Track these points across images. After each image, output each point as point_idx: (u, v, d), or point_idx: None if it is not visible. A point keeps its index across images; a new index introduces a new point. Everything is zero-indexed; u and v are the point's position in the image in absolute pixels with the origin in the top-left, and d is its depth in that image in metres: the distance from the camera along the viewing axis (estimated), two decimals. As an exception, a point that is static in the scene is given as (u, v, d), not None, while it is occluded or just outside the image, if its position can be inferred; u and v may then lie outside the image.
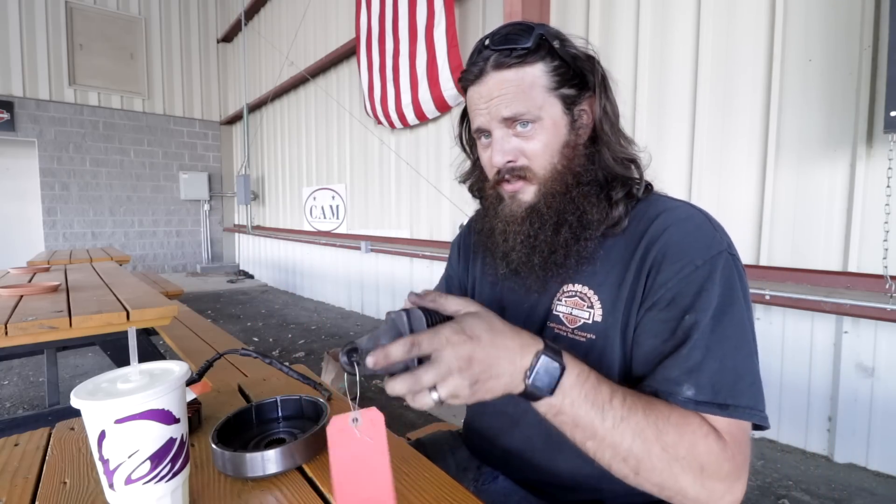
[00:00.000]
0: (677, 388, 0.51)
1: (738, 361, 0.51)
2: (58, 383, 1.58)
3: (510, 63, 0.61)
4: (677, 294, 0.55)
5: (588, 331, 0.61)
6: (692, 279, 0.54)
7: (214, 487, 0.54)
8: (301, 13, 5.60)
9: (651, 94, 2.43)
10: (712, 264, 0.54)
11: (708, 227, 0.58)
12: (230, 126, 8.08)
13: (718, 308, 0.52)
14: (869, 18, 1.76)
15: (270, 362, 0.78)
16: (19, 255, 6.01)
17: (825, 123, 1.89)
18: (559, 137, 0.64)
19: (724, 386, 0.50)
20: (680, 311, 0.54)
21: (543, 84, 0.62)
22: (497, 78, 0.63)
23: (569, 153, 0.64)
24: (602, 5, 2.60)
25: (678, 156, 2.34)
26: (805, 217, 1.96)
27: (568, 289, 0.64)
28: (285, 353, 3.47)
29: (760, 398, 0.51)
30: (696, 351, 0.51)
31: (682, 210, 0.60)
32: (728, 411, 0.49)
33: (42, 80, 6.32)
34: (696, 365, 0.51)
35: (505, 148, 0.64)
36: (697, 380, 0.50)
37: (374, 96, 4.13)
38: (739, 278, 0.55)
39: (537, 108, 0.62)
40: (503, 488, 0.71)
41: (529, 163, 0.64)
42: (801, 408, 2.01)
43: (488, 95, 0.63)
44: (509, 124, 0.63)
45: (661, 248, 0.57)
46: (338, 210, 5.25)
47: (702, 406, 0.50)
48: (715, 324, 0.52)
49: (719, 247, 0.56)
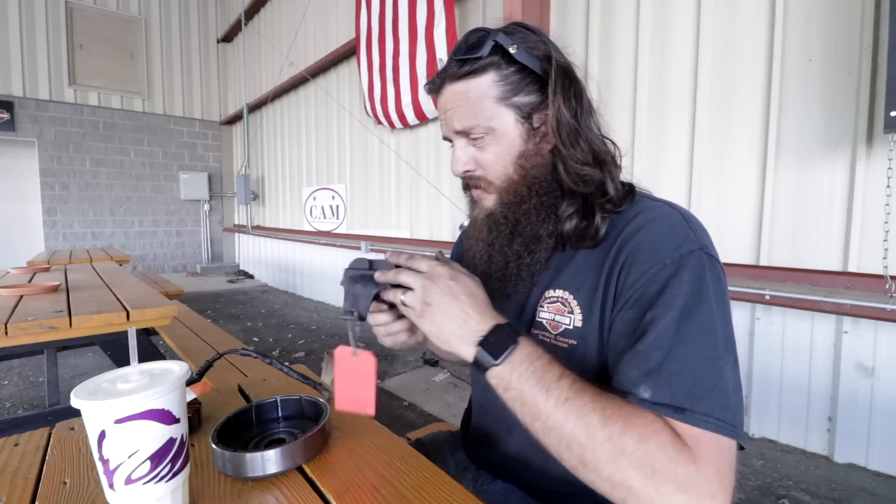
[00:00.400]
0: (634, 389, 0.49)
1: (699, 364, 0.48)
2: (58, 383, 1.58)
3: (461, 74, 0.61)
4: (643, 293, 0.53)
5: (569, 336, 0.60)
6: (658, 277, 0.53)
7: (214, 487, 0.54)
8: (301, 13, 5.60)
9: (651, 94, 2.43)
10: (680, 263, 0.52)
11: (682, 227, 0.56)
12: (230, 126, 8.08)
13: (685, 307, 0.50)
14: (869, 18, 1.76)
15: (270, 362, 0.78)
16: (19, 255, 6.00)
17: (825, 123, 1.89)
18: (513, 148, 0.62)
19: (682, 389, 0.47)
20: (643, 308, 0.53)
21: (493, 95, 0.61)
22: (449, 90, 0.63)
23: (524, 163, 0.62)
24: (602, 5, 2.60)
25: (678, 156, 2.34)
26: (805, 217, 1.96)
27: (549, 294, 0.63)
28: (285, 353, 3.47)
29: (724, 407, 0.47)
30: (657, 351, 0.49)
31: (657, 210, 0.59)
32: (684, 415, 0.46)
33: (42, 80, 6.31)
34: (655, 365, 0.49)
35: (461, 158, 0.65)
36: (655, 380, 0.48)
37: (374, 96, 4.13)
38: (716, 279, 0.53)
39: (487, 120, 0.61)
40: (502, 489, 0.71)
41: (485, 173, 0.64)
42: (801, 408, 2.01)
43: (443, 108, 0.65)
44: (465, 135, 0.64)
45: (632, 249, 0.56)
46: (338, 210, 5.25)
47: (658, 408, 0.47)
48: (679, 323, 0.49)
49: (691, 246, 0.54)
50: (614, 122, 2.56)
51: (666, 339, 0.49)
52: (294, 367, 0.84)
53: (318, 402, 0.69)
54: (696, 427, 0.46)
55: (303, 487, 0.54)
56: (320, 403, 0.68)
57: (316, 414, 0.68)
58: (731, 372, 0.49)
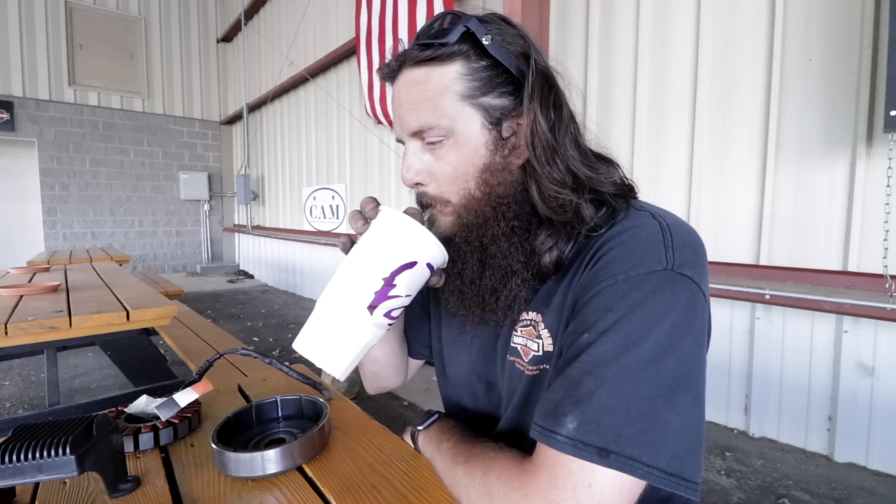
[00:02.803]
0: (561, 418, 0.43)
1: (633, 403, 0.41)
2: (58, 383, 1.58)
3: (421, 59, 0.51)
4: (585, 307, 0.47)
5: (539, 363, 0.54)
6: (605, 295, 0.45)
7: (214, 487, 0.54)
8: (301, 13, 5.60)
9: (651, 93, 2.43)
10: (634, 283, 0.44)
11: (656, 241, 0.47)
12: (230, 126, 8.08)
13: (630, 336, 0.43)
14: (869, 18, 1.76)
15: (270, 362, 0.78)
16: (19, 255, 6.00)
17: (825, 123, 1.89)
18: (476, 159, 0.52)
19: (610, 428, 0.41)
20: (580, 326, 0.46)
21: (457, 90, 0.50)
22: (407, 77, 0.52)
23: (489, 179, 0.52)
24: (602, 5, 2.60)
25: (678, 155, 2.34)
26: (805, 216, 1.96)
27: (523, 318, 0.56)
28: (285, 353, 3.47)
29: (654, 452, 0.40)
30: (589, 378, 0.43)
31: (635, 220, 0.50)
32: (609, 460, 0.40)
33: (42, 80, 6.31)
34: (586, 394, 0.42)
35: (413, 165, 0.54)
36: (584, 412, 0.42)
37: (374, 96, 4.13)
38: (683, 304, 0.44)
39: (448, 120, 0.51)
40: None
41: (440, 189, 0.54)
42: (801, 407, 2.01)
43: (397, 99, 0.54)
44: (420, 137, 0.53)
45: (594, 263, 0.49)
46: (338, 210, 5.25)
47: (581, 449, 0.41)
48: (620, 353, 0.42)
49: (657, 264, 0.45)
50: (614, 122, 2.56)
51: (601, 367, 0.43)
52: (294, 367, 0.84)
53: (318, 402, 0.69)
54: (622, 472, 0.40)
55: (303, 487, 0.54)
56: (320, 403, 0.68)
57: (316, 414, 0.68)
58: (680, 413, 0.41)
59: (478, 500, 0.47)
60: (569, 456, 0.41)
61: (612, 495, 0.40)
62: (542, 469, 0.43)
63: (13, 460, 0.46)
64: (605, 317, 0.44)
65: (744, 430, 2.18)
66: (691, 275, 0.45)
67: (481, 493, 0.47)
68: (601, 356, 0.43)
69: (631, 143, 2.49)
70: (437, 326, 0.73)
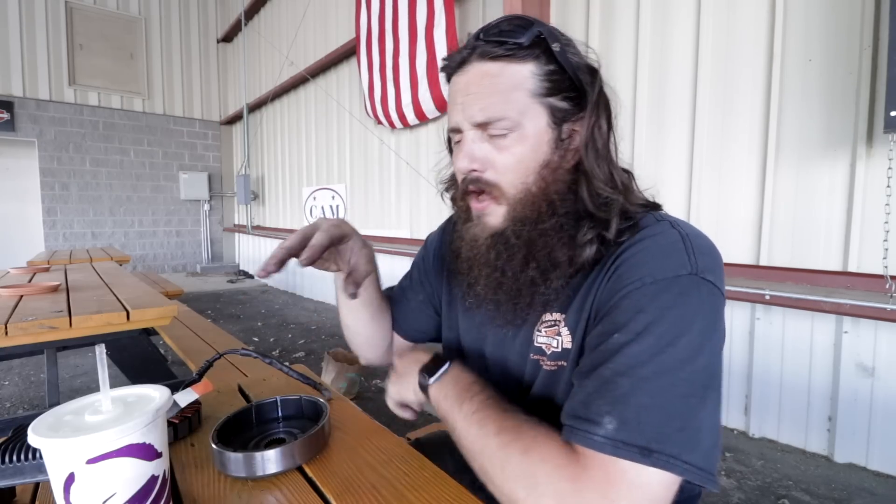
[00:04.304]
0: (598, 419, 0.44)
1: (670, 401, 0.43)
2: (58, 383, 1.58)
3: (496, 55, 0.54)
4: (614, 309, 0.49)
5: (558, 358, 0.57)
6: (634, 297, 0.48)
7: (214, 487, 0.54)
8: (301, 13, 5.60)
9: (651, 93, 2.43)
10: (663, 286, 0.47)
11: (678, 248, 0.49)
12: (230, 126, 8.08)
13: (663, 337, 0.45)
14: (869, 18, 1.76)
15: (270, 362, 0.78)
16: (19, 255, 6.00)
17: (825, 123, 1.89)
18: (539, 154, 0.55)
19: (651, 427, 0.42)
20: (611, 326, 0.48)
21: (530, 87, 0.53)
22: (479, 69, 0.55)
23: (547, 175, 0.55)
24: (602, 5, 2.60)
25: (678, 155, 2.34)
26: (805, 217, 1.96)
27: (546, 318, 0.59)
28: (285, 353, 3.47)
29: (693, 450, 0.42)
30: (625, 379, 0.44)
31: (656, 228, 0.53)
32: (651, 458, 0.41)
33: (42, 80, 6.32)
34: (622, 395, 0.44)
35: (473, 152, 0.56)
36: (622, 413, 0.43)
37: (374, 96, 4.13)
38: (708, 308, 0.47)
39: (518, 114, 0.53)
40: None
41: (498, 178, 0.56)
42: (801, 408, 2.01)
43: (465, 89, 0.56)
44: (483, 128, 0.55)
45: (617, 267, 0.51)
46: (338, 210, 5.25)
47: (622, 449, 0.42)
48: (655, 354, 0.44)
49: (682, 269, 0.47)
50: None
51: (637, 368, 0.44)
52: (294, 367, 0.84)
53: (318, 402, 0.69)
54: (663, 470, 0.41)
55: (303, 487, 0.54)
56: (320, 403, 0.68)
57: (316, 414, 0.68)
58: (709, 412, 0.44)
59: (517, 479, 0.44)
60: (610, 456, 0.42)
61: (660, 493, 0.42)
62: (594, 463, 0.43)
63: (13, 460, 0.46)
64: (637, 318, 0.46)
65: (744, 430, 2.18)
66: (713, 280, 0.48)
67: (522, 471, 0.44)
68: (636, 357, 0.45)
69: (631, 143, 2.49)
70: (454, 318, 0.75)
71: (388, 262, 4.41)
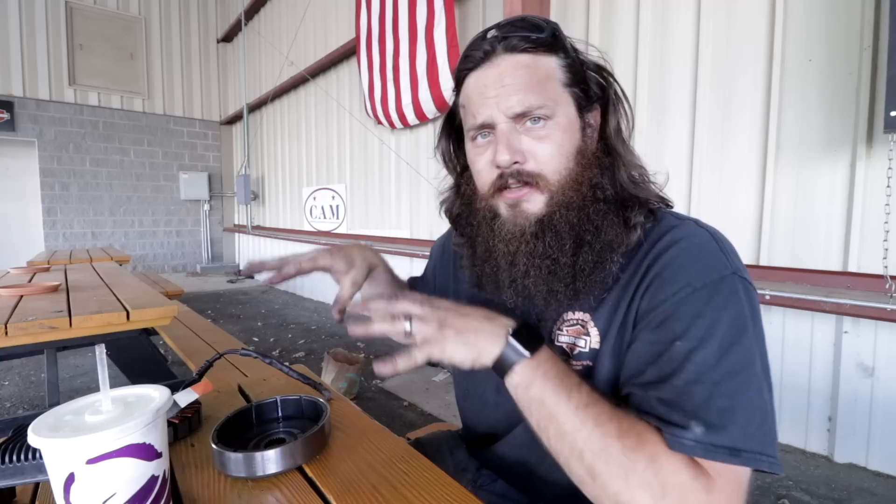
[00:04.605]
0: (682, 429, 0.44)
1: (746, 400, 0.45)
2: (58, 383, 1.58)
3: (524, 47, 0.54)
4: (669, 316, 0.49)
5: (583, 358, 0.56)
6: (688, 302, 0.48)
7: (214, 487, 0.54)
8: (301, 13, 5.60)
9: (651, 93, 2.43)
10: (714, 288, 0.48)
11: (713, 248, 0.51)
12: (230, 126, 8.08)
13: (724, 339, 0.46)
14: (869, 18, 1.76)
15: (270, 362, 0.78)
16: (19, 255, 6.00)
17: (825, 123, 1.89)
18: (574, 140, 0.56)
19: (735, 428, 0.44)
20: (669, 335, 0.48)
21: (559, 77, 0.55)
22: (510, 61, 0.54)
23: (584, 161, 0.56)
24: (602, 4, 2.60)
25: (678, 155, 2.34)
26: (805, 217, 1.96)
27: (568, 317, 0.58)
28: (285, 353, 3.47)
29: (771, 442, 0.45)
30: (699, 386, 0.45)
31: (685, 229, 0.54)
32: (740, 458, 0.43)
33: (42, 80, 6.32)
34: (701, 402, 0.45)
35: (513, 144, 0.54)
36: (706, 419, 0.44)
37: (375, 96, 4.13)
38: (751, 305, 0.49)
39: (553, 103, 0.54)
40: (501, 489, 0.71)
41: (540, 167, 0.55)
42: (801, 408, 2.01)
43: (498, 81, 0.54)
44: (519, 120, 0.55)
45: (658, 269, 0.51)
46: (338, 210, 5.25)
47: (712, 451, 0.43)
48: (721, 356, 0.46)
49: (723, 270, 0.49)
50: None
51: (708, 373, 0.45)
52: (294, 367, 0.84)
53: (318, 402, 0.69)
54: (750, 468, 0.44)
55: (303, 487, 0.54)
56: (320, 403, 0.68)
57: (316, 414, 0.68)
58: (771, 401, 0.47)
59: (641, 488, 0.43)
60: (744, 469, 0.44)
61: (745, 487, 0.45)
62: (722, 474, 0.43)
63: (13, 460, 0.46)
64: (697, 323, 0.47)
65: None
66: (747, 276, 0.51)
67: (649, 481, 0.43)
68: (704, 363, 0.46)
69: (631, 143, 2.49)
70: None
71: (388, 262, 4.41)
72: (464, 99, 0.60)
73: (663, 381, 0.47)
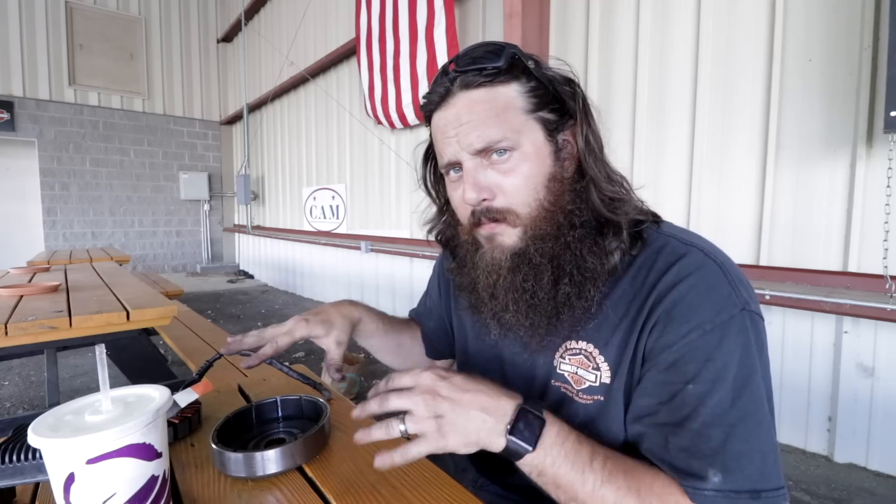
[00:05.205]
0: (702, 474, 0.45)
1: (762, 440, 0.46)
2: (58, 383, 1.58)
3: (479, 82, 0.54)
4: (680, 358, 0.49)
5: (595, 393, 0.55)
6: (699, 345, 0.48)
7: (214, 487, 0.54)
8: (301, 13, 5.60)
9: (651, 93, 2.43)
10: (724, 329, 0.48)
11: (722, 282, 0.50)
12: (230, 126, 8.08)
13: (737, 380, 0.47)
14: (869, 18, 1.76)
15: (270, 362, 0.78)
16: (19, 255, 6.00)
17: (825, 123, 1.89)
18: (543, 168, 0.55)
19: (753, 470, 0.45)
20: (681, 377, 0.48)
21: (520, 105, 0.54)
22: (465, 99, 0.54)
23: (556, 188, 0.55)
24: (602, 5, 2.60)
25: (678, 155, 2.34)
26: (805, 217, 1.96)
27: (571, 346, 0.57)
28: (285, 353, 3.45)
29: (781, 475, 0.47)
30: (715, 429, 0.46)
31: (694, 259, 0.52)
32: (760, 499, 0.44)
33: (42, 80, 6.31)
34: (718, 446, 0.45)
35: (479, 181, 0.54)
36: (725, 464, 0.45)
37: (375, 96, 4.13)
38: (757, 340, 0.49)
39: (515, 133, 0.53)
40: (502, 490, 0.71)
41: (509, 202, 0.55)
42: (801, 408, 2.01)
43: (456, 121, 0.55)
44: (483, 155, 0.54)
45: (666, 307, 0.50)
46: (338, 210, 5.25)
47: (734, 498, 0.44)
48: (735, 398, 0.46)
49: (733, 308, 0.48)
50: (614, 122, 2.56)
51: (723, 416, 0.46)
52: (294, 367, 0.84)
53: (318, 402, 0.69)
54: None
55: (303, 487, 0.54)
56: (320, 403, 0.68)
57: (316, 414, 0.68)
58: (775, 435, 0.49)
59: None
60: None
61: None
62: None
63: (13, 460, 0.46)
64: (708, 367, 0.47)
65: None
66: (754, 308, 0.50)
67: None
68: (719, 406, 0.46)
69: (631, 142, 2.49)
70: (462, 335, 0.76)
71: (388, 262, 4.41)
72: (433, 136, 0.60)
73: (679, 424, 0.48)
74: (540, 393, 0.60)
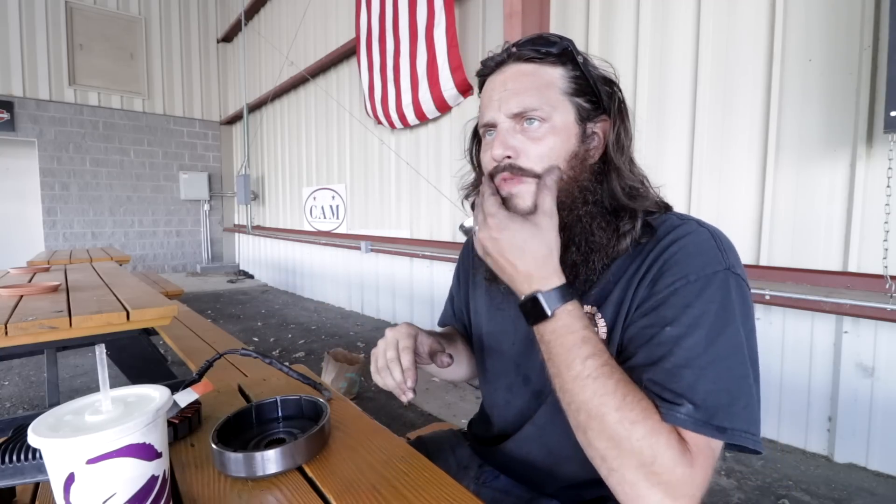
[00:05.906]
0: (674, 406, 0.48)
1: (731, 383, 0.49)
2: (58, 383, 1.58)
3: (530, 57, 0.60)
4: (662, 304, 0.53)
5: None
6: (681, 293, 0.52)
7: (214, 487, 0.54)
8: (301, 13, 5.60)
9: (651, 93, 2.43)
10: (706, 281, 0.52)
11: (710, 245, 0.55)
12: (230, 126, 8.08)
13: (713, 327, 0.50)
14: (869, 18, 1.76)
15: (270, 362, 0.78)
16: (19, 255, 6.00)
17: (825, 123, 1.89)
18: (568, 145, 0.60)
19: (720, 408, 0.48)
20: (661, 321, 0.52)
21: (560, 86, 0.60)
22: (515, 69, 0.61)
23: (576, 165, 0.60)
24: (602, 5, 2.60)
25: (678, 155, 2.34)
26: (805, 217, 1.96)
27: None
28: (285, 353, 3.47)
29: (755, 422, 0.49)
30: (687, 370, 0.49)
31: (687, 227, 0.58)
32: (726, 434, 0.47)
33: (42, 80, 6.31)
34: (688, 385, 0.48)
35: (507, 140, 0.60)
36: (692, 399, 0.48)
37: (375, 96, 4.13)
38: (741, 298, 0.53)
39: (550, 107, 0.59)
40: (505, 485, 0.72)
41: (531, 165, 0.59)
42: (801, 408, 2.01)
43: (502, 86, 0.61)
44: (517, 120, 0.60)
45: (659, 264, 0.55)
46: (338, 210, 5.25)
47: (700, 427, 0.47)
48: (708, 343, 0.50)
49: (717, 266, 0.53)
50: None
51: (696, 359, 0.49)
52: (294, 367, 0.84)
53: (318, 402, 0.69)
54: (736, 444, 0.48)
55: (303, 487, 0.54)
56: (320, 403, 0.68)
57: (316, 414, 0.68)
58: (756, 387, 0.51)
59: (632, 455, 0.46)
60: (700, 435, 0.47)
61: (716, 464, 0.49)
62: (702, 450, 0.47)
63: (13, 460, 0.46)
64: (686, 312, 0.51)
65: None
66: (740, 273, 0.55)
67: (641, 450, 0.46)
68: (692, 349, 0.50)
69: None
70: (477, 319, 0.78)
71: (388, 261, 4.41)
72: (481, 100, 0.66)
73: (654, 363, 0.51)
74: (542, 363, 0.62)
